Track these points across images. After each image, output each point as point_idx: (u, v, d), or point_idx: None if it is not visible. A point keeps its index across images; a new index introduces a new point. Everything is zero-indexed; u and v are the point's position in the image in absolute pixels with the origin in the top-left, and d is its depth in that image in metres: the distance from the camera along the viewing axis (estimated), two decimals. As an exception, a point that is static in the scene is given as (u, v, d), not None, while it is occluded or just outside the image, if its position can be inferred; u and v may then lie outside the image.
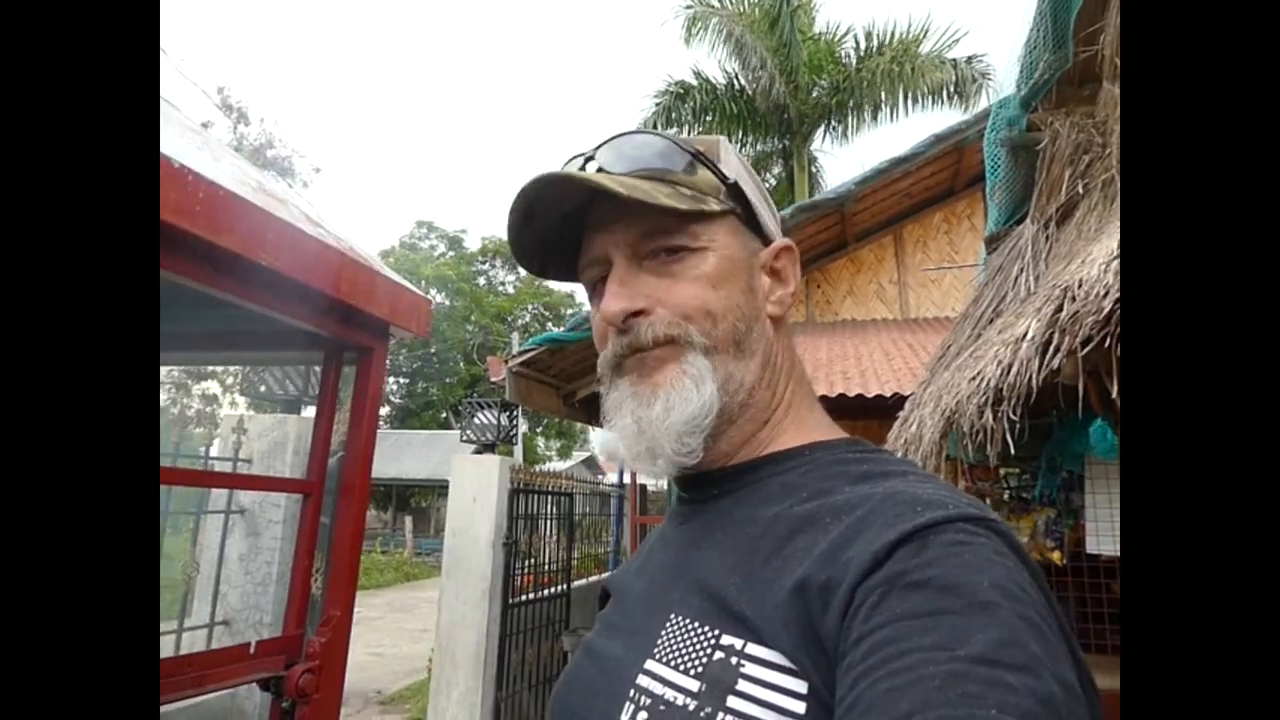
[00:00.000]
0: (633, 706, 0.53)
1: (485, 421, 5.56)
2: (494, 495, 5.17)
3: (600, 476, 13.17)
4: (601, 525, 8.87)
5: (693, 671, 0.51)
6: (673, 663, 0.53)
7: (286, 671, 1.47)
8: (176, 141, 1.15)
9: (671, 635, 0.55)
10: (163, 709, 1.30)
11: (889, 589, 0.43)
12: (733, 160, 0.68)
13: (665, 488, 8.06)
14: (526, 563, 5.58)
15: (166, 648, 2.76)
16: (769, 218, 0.71)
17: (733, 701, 0.48)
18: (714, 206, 0.65)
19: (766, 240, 0.70)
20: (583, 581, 7.32)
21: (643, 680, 0.54)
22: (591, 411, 8.42)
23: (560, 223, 0.68)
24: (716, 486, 0.65)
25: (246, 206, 1.24)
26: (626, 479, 9.88)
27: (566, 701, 0.64)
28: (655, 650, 0.55)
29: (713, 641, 0.52)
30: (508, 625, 5.19)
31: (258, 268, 1.26)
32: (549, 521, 6.10)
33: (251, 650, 1.44)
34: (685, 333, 0.63)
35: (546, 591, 5.93)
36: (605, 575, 8.01)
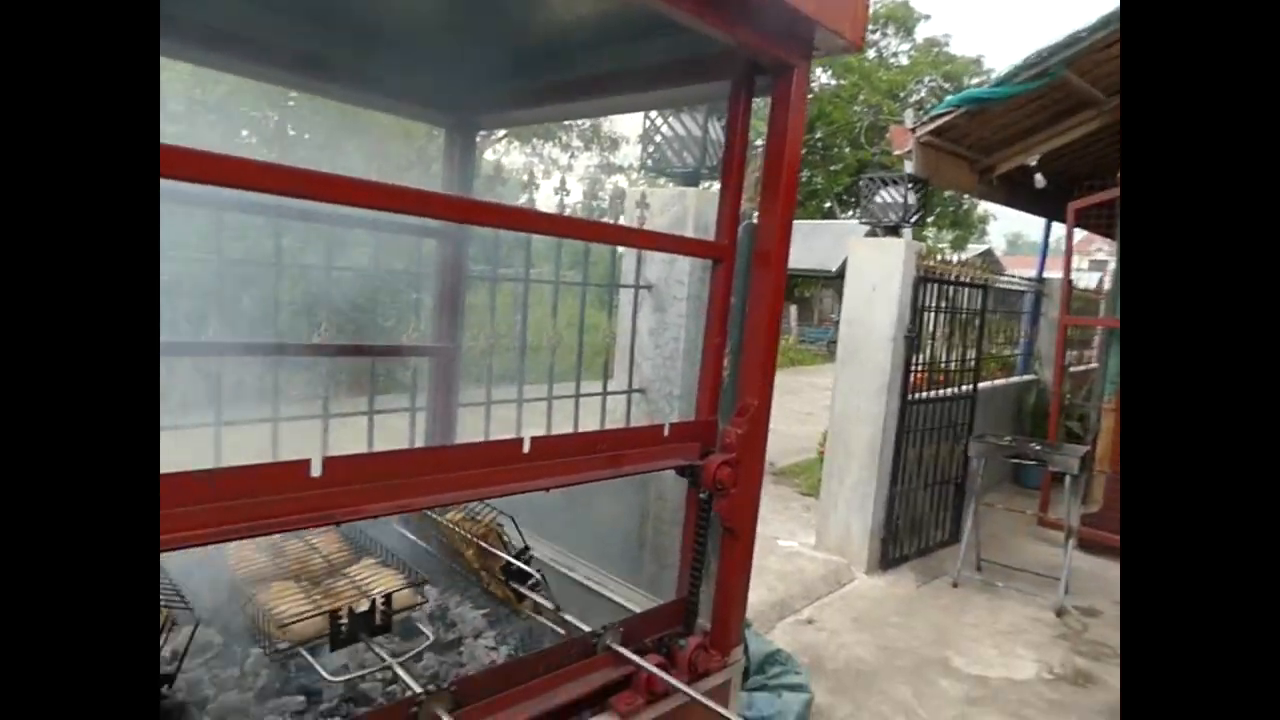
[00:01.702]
0: None
1: (888, 200, 4.87)
2: (896, 283, 4.63)
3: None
4: (1004, 325, 7.77)
5: None
6: None
7: (703, 461, 1.29)
8: None
9: None
10: (587, 484, 1.22)
11: None
12: None
13: (1106, 285, 6.56)
14: (926, 358, 5.05)
15: (593, 410, 3.00)
16: None
17: None
18: None
19: None
20: (987, 384, 6.57)
21: None
22: (1014, 190, 7.03)
23: None
24: None
25: None
26: (1048, 273, 8.37)
27: None
28: None
29: None
30: (906, 421, 4.84)
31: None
32: (956, 315, 5.39)
33: (665, 434, 1.27)
34: None
35: (949, 391, 5.39)
36: (1016, 379, 7.13)
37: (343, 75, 1.75)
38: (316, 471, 0.86)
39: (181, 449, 1.86)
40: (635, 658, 1.26)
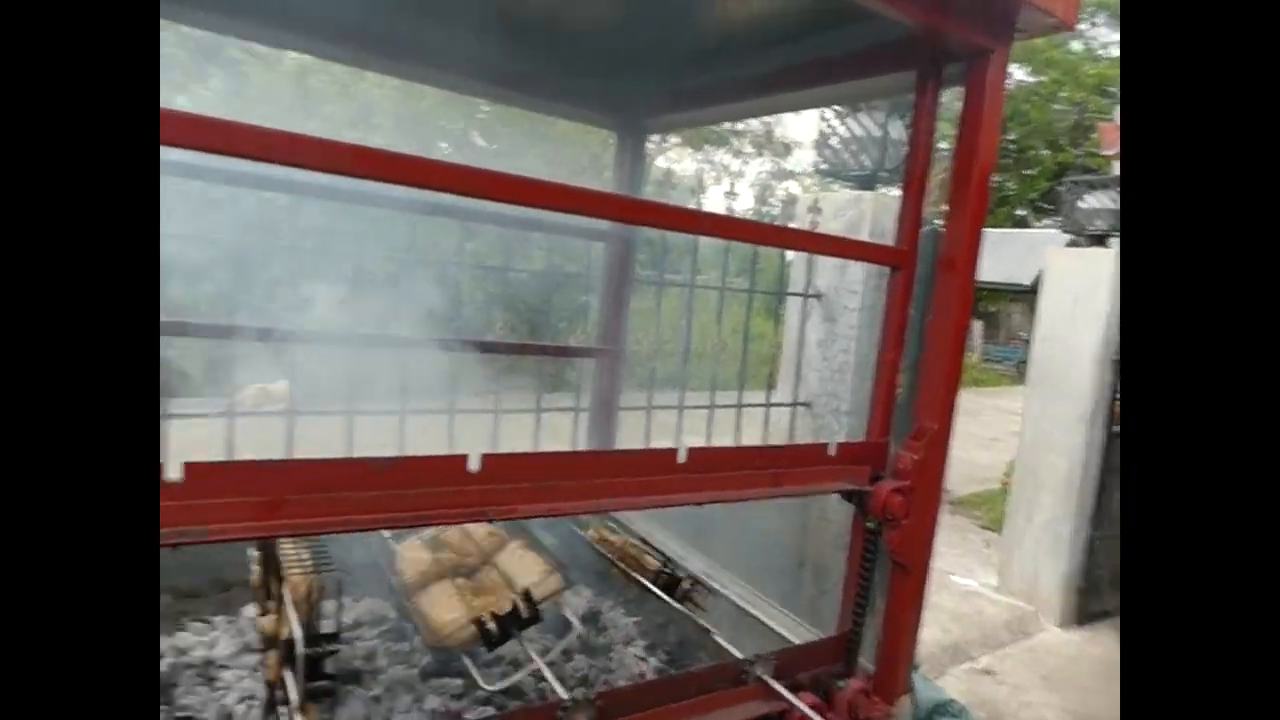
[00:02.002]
0: None
1: (1095, 205, 4.34)
2: (1104, 299, 4.10)
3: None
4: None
5: None
6: None
7: (872, 487, 1.18)
8: None
9: None
10: (743, 503, 1.15)
11: None
12: None
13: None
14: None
15: (755, 421, 2.91)
16: None
17: None
18: None
19: None
20: (1217, 418, 5.65)
21: None
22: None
23: None
24: None
25: None
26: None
27: None
28: None
29: None
30: (1111, 458, 4.27)
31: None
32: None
33: (831, 453, 1.17)
34: None
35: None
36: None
37: (523, 83, 1.82)
38: (475, 467, 0.87)
39: (368, 435, 2.02)
40: (788, 695, 1.18)
